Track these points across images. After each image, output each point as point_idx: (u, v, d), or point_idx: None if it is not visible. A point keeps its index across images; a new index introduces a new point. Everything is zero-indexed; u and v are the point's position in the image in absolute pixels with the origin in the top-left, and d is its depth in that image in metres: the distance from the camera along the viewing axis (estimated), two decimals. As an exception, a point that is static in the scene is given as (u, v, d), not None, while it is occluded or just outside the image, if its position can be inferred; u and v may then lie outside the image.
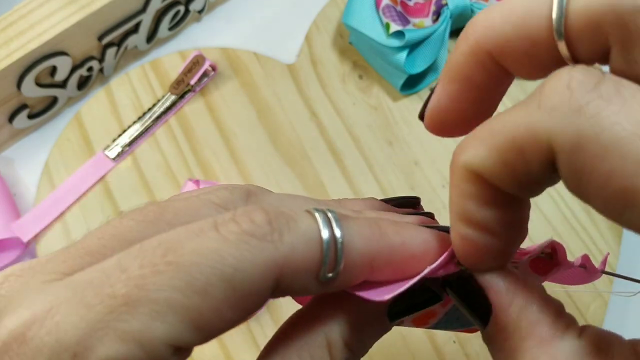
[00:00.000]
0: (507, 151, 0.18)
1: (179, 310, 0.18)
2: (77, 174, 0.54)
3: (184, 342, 0.18)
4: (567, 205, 0.53)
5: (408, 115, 0.56)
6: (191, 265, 0.18)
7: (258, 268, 0.18)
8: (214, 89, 0.57)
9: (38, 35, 0.51)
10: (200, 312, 0.18)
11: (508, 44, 0.20)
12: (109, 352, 0.17)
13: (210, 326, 0.18)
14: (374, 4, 0.54)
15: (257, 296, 0.19)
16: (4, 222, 0.51)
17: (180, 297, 0.18)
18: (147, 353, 0.17)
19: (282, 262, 0.19)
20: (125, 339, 0.17)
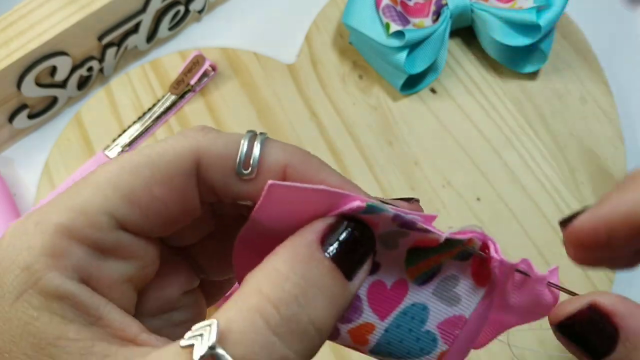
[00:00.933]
0: None
1: (114, 187, 0.22)
2: (77, 174, 0.54)
3: (120, 213, 0.22)
4: (567, 205, 0.53)
5: (408, 115, 0.56)
6: (126, 155, 0.23)
7: (178, 151, 0.23)
8: (214, 89, 0.57)
9: (38, 35, 0.51)
10: (131, 187, 0.22)
11: None
12: (59, 218, 0.22)
13: (141, 200, 0.22)
14: (374, 4, 0.53)
15: (180, 175, 0.23)
16: (4, 222, 0.51)
17: (114, 176, 0.22)
18: (89, 219, 0.22)
19: (200, 149, 0.23)
20: (72, 210, 0.22)
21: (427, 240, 0.25)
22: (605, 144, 0.55)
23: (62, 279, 0.21)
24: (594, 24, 0.59)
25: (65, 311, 0.21)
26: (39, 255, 0.21)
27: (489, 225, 0.52)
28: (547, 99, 0.56)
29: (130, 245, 0.23)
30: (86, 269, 0.22)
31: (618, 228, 0.22)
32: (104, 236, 0.22)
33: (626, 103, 0.58)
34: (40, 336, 0.20)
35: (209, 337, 0.19)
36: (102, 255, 0.22)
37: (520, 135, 0.55)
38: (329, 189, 0.23)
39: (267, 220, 0.23)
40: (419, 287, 0.26)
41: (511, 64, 0.57)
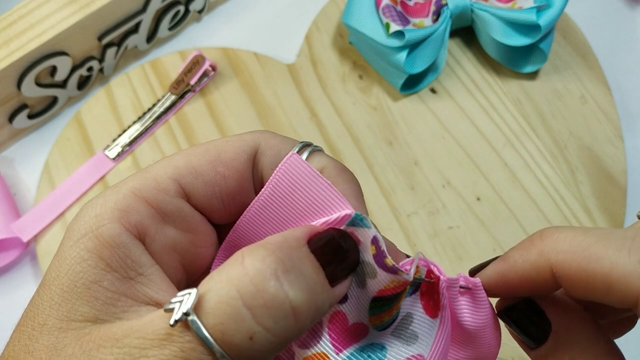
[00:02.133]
0: None
1: (184, 162, 0.25)
2: (77, 174, 0.54)
3: (186, 182, 0.25)
4: (567, 204, 0.53)
5: (408, 115, 0.56)
6: (201, 144, 0.27)
7: (241, 138, 0.26)
8: (213, 88, 0.57)
9: (38, 35, 0.51)
10: (199, 162, 0.26)
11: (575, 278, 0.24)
12: (134, 183, 0.25)
13: (206, 174, 0.25)
14: (374, 4, 0.53)
15: (241, 158, 0.26)
16: (4, 222, 0.51)
17: (186, 155, 0.26)
18: (158, 183, 0.25)
19: (261, 139, 0.27)
20: (145, 176, 0.25)
21: (391, 288, 0.24)
22: (605, 143, 0.55)
23: (121, 230, 0.23)
24: (594, 24, 0.59)
25: (112, 259, 0.23)
26: (109, 208, 0.24)
27: (489, 225, 0.52)
28: (547, 99, 0.56)
29: (189, 217, 0.26)
30: (146, 228, 0.24)
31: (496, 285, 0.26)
32: (168, 200, 0.25)
33: (626, 103, 0.58)
34: (79, 276, 0.23)
35: (186, 303, 0.20)
36: (162, 219, 0.25)
37: (520, 135, 0.55)
38: (331, 186, 0.24)
39: (274, 201, 0.25)
40: (379, 332, 0.26)
41: (511, 64, 0.57)
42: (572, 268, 0.23)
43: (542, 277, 0.25)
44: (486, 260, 0.27)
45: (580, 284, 0.23)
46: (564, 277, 0.24)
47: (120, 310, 0.23)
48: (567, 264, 0.24)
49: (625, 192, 0.53)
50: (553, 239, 0.24)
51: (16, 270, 0.53)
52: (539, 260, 0.24)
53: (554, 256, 0.24)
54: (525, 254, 0.25)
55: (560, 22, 0.58)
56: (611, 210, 0.52)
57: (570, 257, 0.23)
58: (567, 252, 0.24)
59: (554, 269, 0.24)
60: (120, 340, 0.21)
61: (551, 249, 0.24)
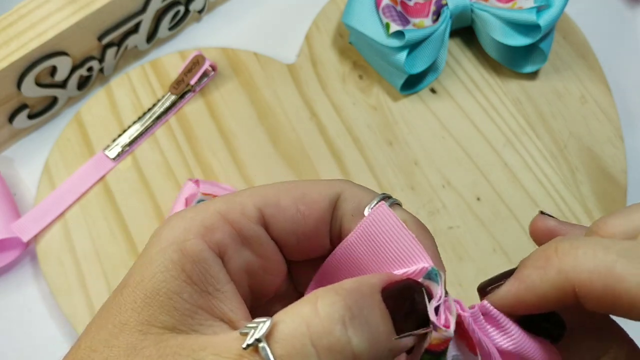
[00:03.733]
0: None
1: (270, 195, 0.27)
2: (77, 174, 0.54)
3: (268, 212, 0.27)
4: (567, 204, 0.53)
5: (408, 115, 0.56)
6: (286, 182, 0.28)
7: (325, 182, 0.28)
8: (214, 89, 0.57)
9: (38, 35, 0.51)
10: (283, 198, 0.27)
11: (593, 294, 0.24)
12: (220, 205, 0.26)
13: (287, 209, 0.27)
14: (374, 4, 0.53)
15: (324, 202, 0.27)
16: (4, 222, 0.51)
17: (272, 189, 0.27)
18: (242, 208, 0.26)
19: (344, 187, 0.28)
20: (232, 202, 0.26)
21: (434, 345, 0.25)
22: (605, 143, 0.55)
23: (204, 246, 0.25)
24: (594, 24, 0.59)
25: (193, 272, 0.25)
26: (196, 224, 0.25)
27: (489, 225, 0.52)
28: (547, 99, 0.56)
29: (265, 243, 0.27)
30: (226, 247, 0.26)
31: (512, 307, 0.26)
32: (249, 225, 0.26)
33: (626, 103, 0.58)
34: (161, 285, 0.24)
35: (260, 330, 0.22)
36: (242, 242, 0.26)
37: (520, 135, 0.55)
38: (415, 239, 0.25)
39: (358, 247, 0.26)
40: None
41: (511, 64, 0.57)
42: (598, 288, 0.23)
43: (562, 297, 0.24)
44: (496, 275, 0.27)
45: (604, 303, 0.23)
46: (587, 297, 0.24)
47: (197, 323, 0.24)
48: (591, 284, 0.23)
49: (625, 192, 0.53)
50: (572, 256, 0.24)
51: (16, 271, 0.53)
52: (560, 281, 0.24)
53: (575, 276, 0.24)
54: (544, 274, 0.25)
55: (561, 22, 0.58)
56: (611, 210, 0.52)
57: (594, 277, 0.23)
58: (591, 272, 0.23)
59: (577, 289, 0.24)
60: (196, 352, 0.22)
61: (572, 267, 0.24)
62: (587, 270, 0.23)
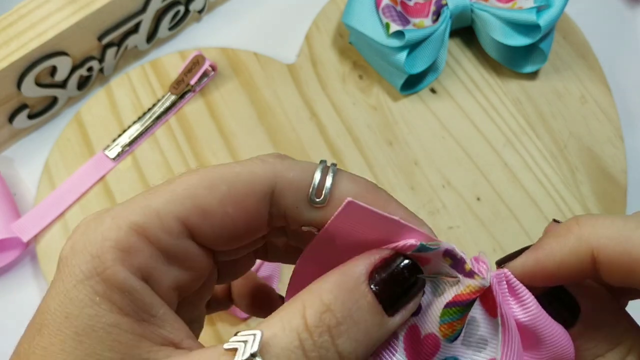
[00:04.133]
0: None
1: (191, 197, 0.24)
2: (77, 174, 0.54)
3: (192, 223, 0.24)
4: (567, 204, 0.53)
5: (408, 115, 0.56)
6: (205, 170, 0.24)
7: (255, 174, 0.24)
8: (213, 88, 0.57)
9: (38, 35, 0.51)
10: (207, 200, 0.24)
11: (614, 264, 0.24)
12: (135, 218, 0.23)
13: (214, 214, 0.24)
14: (374, 4, 0.53)
15: (255, 197, 0.24)
16: (4, 222, 0.51)
17: (192, 187, 0.24)
18: (162, 222, 0.23)
19: (277, 174, 0.25)
20: (148, 211, 0.23)
21: (466, 294, 0.25)
22: (605, 143, 0.55)
23: (127, 274, 0.23)
24: (593, 24, 0.59)
25: (124, 304, 0.22)
26: (110, 247, 0.23)
27: (489, 225, 0.52)
28: (547, 99, 0.56)
29: (193, 256, 0.25)
30: (149, 269, 0.23)
31: (532, 274, 0.26)
32: (172, 242, 0.24)
33: (626, 103, 0.58)
34: (97, 319, 0.22)
35: (252, 345, 0.21)
36: (166, 259, 0.24)
37: (520, 135, 0.55)
38: (400, 220, 0.24)
39: (334, 238, 0.24)
40: (450, 344, 0.25)
41: (511, 64, 0.57)
42: (616, 252, 0.23)
43: (581, 264, 0.24)
44: (514, 251, 0.27)
45: (621, 269, 0.24)
46: (605, 262, 0.24)
47: (145, 352, 0.22)
48: (609, 249, 0.24)
49: (625, 192, 0.53)
50: (592, 224, 0.24)
51: (16, 271, 0.53)
52: (579, 246, 0.24)
53: (595, 242, 0.24)
54: (563, 241, 0.25)
55: (560, 22, 0.58)
56: (611, 210, 0.52)
57: (613, 243, 0.24)
58: (610, 238, 0.24)
59: (596, 253, 0.24)
60: None
61: (591, 233, 0.24)
62: (606, 236, 0.24)
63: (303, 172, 0.25)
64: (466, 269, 0.24)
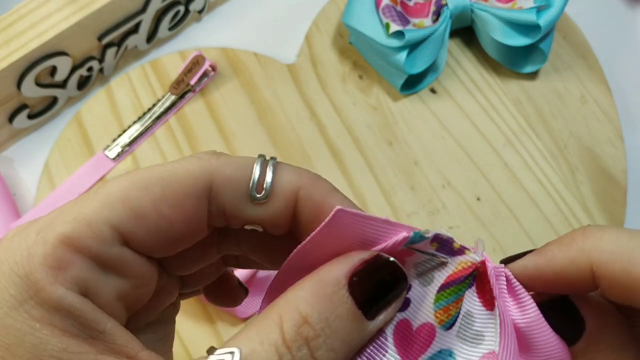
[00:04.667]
0: None
1: (122, 201, 0.22)
2: (77, 174, 0.54)
3: (125, 228, 0.22)
4: (567, 204, 0.53)
5: (408, 115, 0.56)
6: (138, 172, 0.23)
7: (190, 172, 0.23)
8: (213, 89, 0.57)
9: (38, 35, 0.51)
10: (140, 203, 0.22)
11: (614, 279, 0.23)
12: (63, 228, 0.21)
13: (148, 217, 0.22)
14: (374, 4, 0.54)
15: (191, 196, 0.23)
16: (4, 222, 0.51)
17: (123, 190, 0.22)
18: (93, 230, 0.21)
19: (213, 172, 0.23)
20: (76, 220, 0.22)
21: (459, 271, 0.24)
22: (605, 143, 0.55)
23: (63, 291, 0.21)
24: (593, 24, 0.59)
25: (67, 325, 0.21)
26: (39, 264, 0.21)
27: (489, 225, 0.52)
28: (547, 99, 0.56)
29: (131, 263, 0.23)
30: (86, 282, 0.21)
31: (530, 278, 0.25)
32: (106, 249, 0.22)
33: (626, 102, 0.58)
34: (43, 347, 0.20)
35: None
36: (102, 269, 0.22)
37: (520, 135, 0.55)
38: (389, 219, 0.23)
39: (318, 245, 0.23)
40: (446, 332, 0.25)
41: (511, 64, 0.57)
42: (615, 270, 0.23)
43: (580, 275, 0.24)
44: (518, 252, 0.26)
45: (621, 287, 0.23)
46: (604, 278, 0.23)
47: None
48: (610, 264, 0.23)
49: (625, 191, 0.53)
50: (596, 237, 0.24)
51: (16, 270, 0.53)
52: (580, 258, 0.24)
53: (596, 255, 0.23)
54: (565, 250, 0.24)
55: (560, 22, 0.58)
56: (611, 210, 0.52)
57: (614, 258, 0.23)
58: (611, 253, 0.23)
59: (595, 268, 0.23)
60: None
61: (594, 247, 0.23)
62: (608, 250, 0.23)
63: (241, 168, 0.24)
64: (455, 247, 0.24)
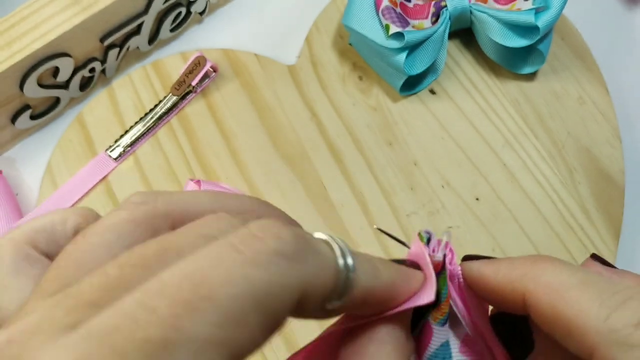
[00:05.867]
0: None
1: (219, 345, 0.17)
2: (79, 174, 0.54)
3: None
4: (565, 205, 0.53)
5: (407, 115, 0.56)
6: (226, 297, 0.17)
7: (288, 290, 0.18)
8: (214, 90, 0.58)
9: (40, 37, 0.51)
10: (238, 342, 0.17)
11: None
12: None
13: (245, 353, 0.18)
14: (374, 5, 0.54)
15: (285, 317, 0.19)
16: (7, 222, 0.52)
17: (219, 332, 0.17)
18: None
19: (305, 284, 0.19)
20: None
21: (435, 269, 0.26)
22: (603, 144, 0.55)
23: None
24: (592, 25, 0.60)
25: None
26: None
27: (488, 225, 0.53)
28: (546, 100, 0.57)
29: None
30: None
31: (471, 283, 0.26)
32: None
33: (624, 104, 0.58)
34: None
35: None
36: None
37: (519, 136, 0.55)
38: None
39: None
40: (441, 328, 0.26)
41: (510, 65, 0.57)
42: (542, 302, 0.23)
43: (512, 298, 0.24)
44: (485, 255, 0.27)
45: (545, 320, 0.23)
46: (532, 307, 0.24)
47: None
48: (539, 296, 0.23)
49: (623, 192, 0.54)
50: (541, 267, 0.24)
51: (19, 270, 0.53)
52: (516, 282, 0.24)
53: (531, 284, 0.24)
54: (511, 269, 0.25)
55: (559, 23, 0.59)
56: (609, 210, 0.53)
57: (545, 291, 0.23)
58: (545, 286, 0.23)
59: (526, 296, 0.24)
60: None
61: (533, 276, 0.24)
62: (543, 283, 0.23)
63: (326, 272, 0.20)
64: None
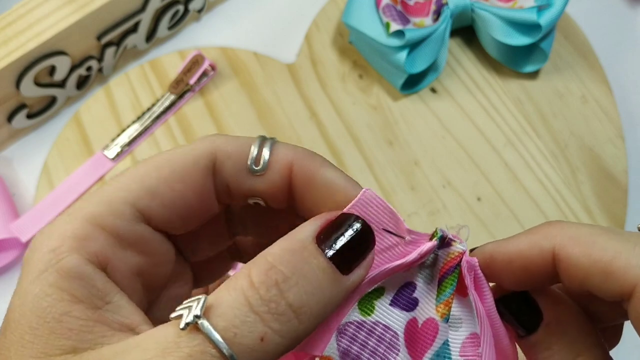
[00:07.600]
0: None
1: (138, 182, 0.25)
2: (76, 174, 0.54)
3: (143, 205, 0.25)
4: (568, 204, 0.52)
5: (408, 114, 0.56)
6: (149, 158, 0.26)
7: (195, 150, 0.26)
8: (213, 88, 0.57)
9: (37, 35, 0.51)
10: (154, 182, 0.25)
11: None
12: (87, 210, 0.24)
13: (163, 194, 0.25)
14: (374, 3, 0.53)
15: (197, 172, 0.25)
16: (3, 222, 0.51)
17: (138, 174, 0.25)
18: (113, 208, 0.24)
19: (216, 148, 0.26)
20: (99, 201, 0.24)
21: (449, 261, 0.26)
22: (606, 143, 0.55)
23: (81, 260, 0.23)
24: (594, 23, 0.59)
25: (76, 290, 0.23)
26: (67, 238, 0.23)
27: (489, 225, 0.52)
28: (548, 99, 0.56)
29: (149, 240, 0.25)
30: (106, 256, 0.24)
31: (492, 262, 0.26)
32: (125, 226, 0.24)
33: (627, 102, 0.58)
34: (48, 310, 0.22)
35: (196, 308, 0.21)
36: (121, 245, 0.25)
37: (521, 135, 0.55)
38: (395, 213, 0.26)
39: None
40: (446, 324, 0.26)
41: (512, 63, 0.57)
42: (575, 253, 0.24)
43: (542, 259, 0.25)
44: None
45: (579, 270, 0.24)
46: (564, 261, 0.24)
47: (99, 336, 0.22)
48: (570, 247, 0.24)
49: (626, 191, 0.53)
50: (560, 225, 0.25)
51: (15, 271, 0.52)
52: (542, 241, 0.25)
53: (558, 239, 0.25)
54: (530, 235, 0.25)
55: (561, 21, 0.58)
56: (612, 210, 0.52)
57: (574, 242, 0.24)
58: (572, 238, 0.24)
59: (556, 251, 0.24)
60: (125, 352, 0.21)
61: (557, 232, 0.25)
62: (569, 235, 0.24)
63: (242, 145, 0.26)
64: (445, 239, 0.26)
